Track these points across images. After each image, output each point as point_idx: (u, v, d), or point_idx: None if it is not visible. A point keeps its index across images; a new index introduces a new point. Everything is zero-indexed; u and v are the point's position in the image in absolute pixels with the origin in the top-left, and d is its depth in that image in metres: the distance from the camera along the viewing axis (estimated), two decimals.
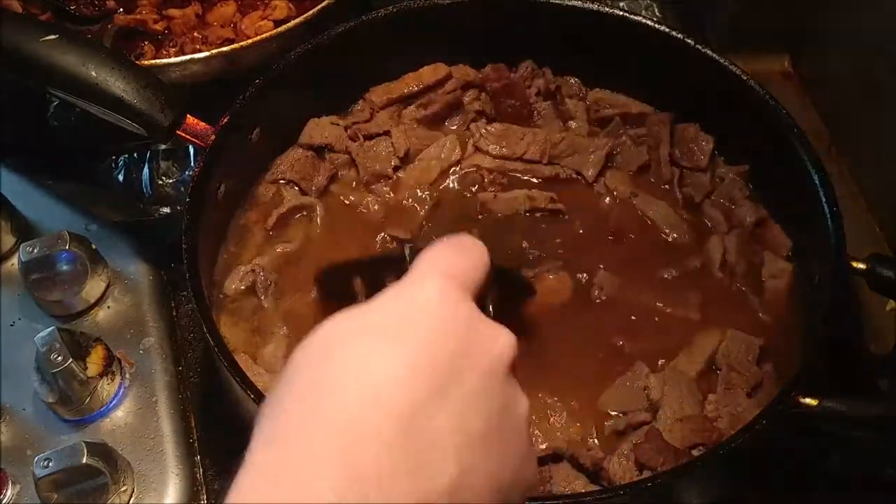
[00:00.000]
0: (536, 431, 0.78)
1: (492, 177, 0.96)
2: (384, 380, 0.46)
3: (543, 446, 0.77)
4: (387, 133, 0.97)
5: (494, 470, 0.48)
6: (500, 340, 0.51)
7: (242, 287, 0.87)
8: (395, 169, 0.96)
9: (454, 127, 1.00)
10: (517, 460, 0.50)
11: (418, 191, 0.94)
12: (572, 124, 1.00)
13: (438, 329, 0.49)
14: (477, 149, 0.98)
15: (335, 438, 0.44)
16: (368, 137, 0.97)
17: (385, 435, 0.44)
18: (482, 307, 0.52)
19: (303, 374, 0.48)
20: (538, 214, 0.93)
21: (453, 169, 0.97)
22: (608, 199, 0.95)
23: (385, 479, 0.43)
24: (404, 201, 0.94)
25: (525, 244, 0.91)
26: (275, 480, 0.44)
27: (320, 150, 0.96)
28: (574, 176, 0.96)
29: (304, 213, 0.93)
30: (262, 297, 0.87)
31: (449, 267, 0.52)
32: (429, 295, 0.50)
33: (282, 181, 0.94)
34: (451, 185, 0.96)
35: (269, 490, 0.44)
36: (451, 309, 0.50)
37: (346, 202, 0.94)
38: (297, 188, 0.94)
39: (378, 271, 0.75)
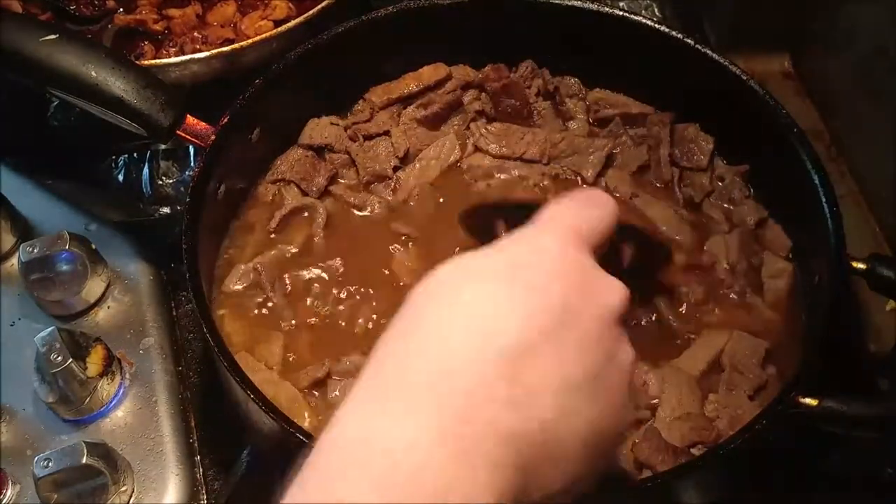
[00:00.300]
0: None
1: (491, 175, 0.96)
2: (493, 320, 0.48)
3: None
4: (386, 133, 0.97)
5: (594, 416, 0.50)
6: (613, 292, 0.53)
7: (242, 286, 0.87)
8: (395, 169, 0.96)
9: (454, 127, 1.00)
10: (616, 409, 0.51)
11: (417, 190, 0.94)
12: (572, 124, 1.00)
13: (552, 275, 0.50)
14: (477, 148, 0.98)
15: (437, 375, 0.46)
16: (368, 137, 0.97)
17: (488, 374, 0.46)
18: (610, 261, 0.54)
19: (416, 313, 0.50)
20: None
21: (453, 168, 0.97)
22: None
23: (483, 417, 0.45)
24: (406, 201, 0.94)
25: None
26: (376, 410, 0.46)
27: (320, 151, 0.96)
28: (573, 177, 0.96)
29: (306, 214, 0.93)
30: (264, 297, 0.87)
31: (573, 218, 0.54)
32: (547, 242, 0.52)
33: (282, 181, 0.94)
34: (452, 184, 0.96)
35: (370, 420, 0.45)
36: (567, 257, 0.52)
37: (347, 202, 0.94)
38: (297, 188, 0.94)
39: (521, 216, 0.75)
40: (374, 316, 0.85)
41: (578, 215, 0.55)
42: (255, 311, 0.86)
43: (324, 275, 0.89)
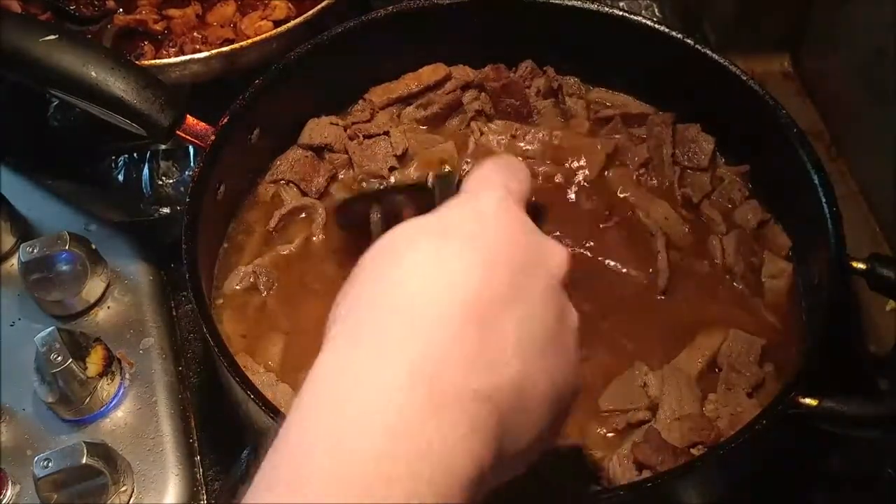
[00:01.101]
0: None
1: None
2: (459, 273, 0.48)
3: None
4: (386, 133, 0.97)
5: (551, 371, 0.51)
6: (558, 254, 0.54)
7: (242, 287, 0.87)
8: (391, 170, 0.96)
9: (454, 126, 1.00)
10: (570, 366, 0.53)
11: None
12: (573, 123, 1.00)
13: (506, 235, 0.51)
14: (478, 146, 0.97)
15: (407, 326, 0.46)
16: (368, 137, 0.97)
17: (457, 324, 0.46)
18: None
19: (373, 272, 0.50)
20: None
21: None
22: (609, 197, 0.95)
23: (455, 368, 0.45)
24: None
25: None
26: (346, 370, 0.46)
27: (320, 151, 0.96)
28: (573, 175, 0.96)
29: (304, 215, 0.93)
30: (264, 297, 0.87)
31: (503, 181, 0.55)
32: (492, 205, 0.52)
33: (282, 182, 0.94)
34: None
35: (339, 379, 0.45)
36: (514, 219, 0.53)
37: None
38: (296, 189, 0.94)
39: (395, 203, 0.76)
40: None
41: (507, 180, 0.55)
42: (255, 313, 0.86)
43: (323, 276, 0.88)
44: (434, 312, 0.46)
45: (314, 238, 0.91)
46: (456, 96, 0.99)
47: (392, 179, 0.95)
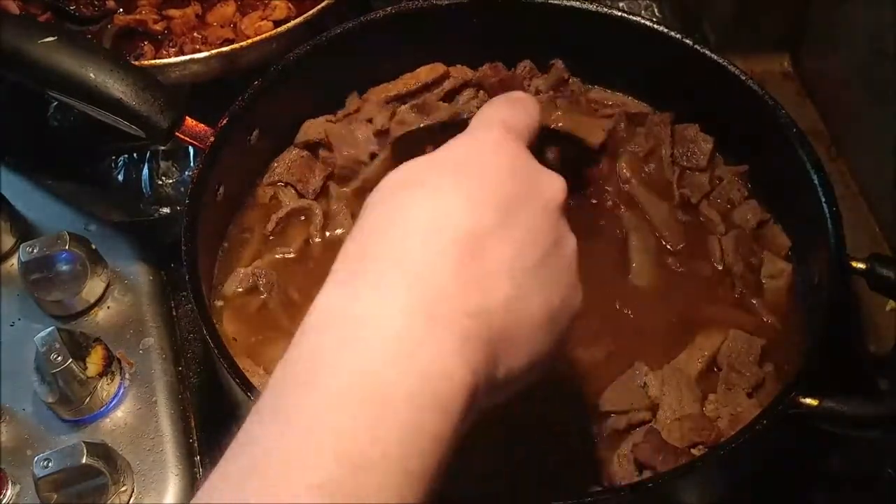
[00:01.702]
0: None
1: None
2: (454, 205, 0.51)
3: None
4: (369, 121, 0.96)
5: (547, 294, 0.53)
6: (554, 184, 0.56)
7: (242, 289, 0.87)
8: (372, 157, 0.94)
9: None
10: (566, 289, 0.55)
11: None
12: None
13: (501, 167, 0.54)
14: None
15: (406, 257, 0.49)
16: (349, 123, 0.96)
17: (451, 253, 0.49)
18: (542, 160, 0.57)
19: (376, 208, 0.53)
20: None
21: None
22: (613, 195, 0.95)
23: (450, 294, 0.48)
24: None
25: None
26: (348, 295, 0.49)
27: (315, 149, 0.96)
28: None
29: (304, 217, 0.93)
30: (264, 299, 0.87)
31: (506, 118, 0.57)
32: (491, 138, 0.55)
33: (279, 184, 0.94)
34: None
35: (340, 307, 0.49)
36: (511, 151, 0.55)
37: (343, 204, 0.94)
38: (293, 190, 0.94)
39: (449, 135, 0.77)
40: None
41: (509, 113, 0.58)
42: (255, 315, 0.86)
43: (322, 277, 0.88)
44: (431, 243, 0.49)
45: (313, 240, 0.91)
46: (451, 97, 0.99)
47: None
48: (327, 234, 0.91)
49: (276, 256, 0.90)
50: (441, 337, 0.47)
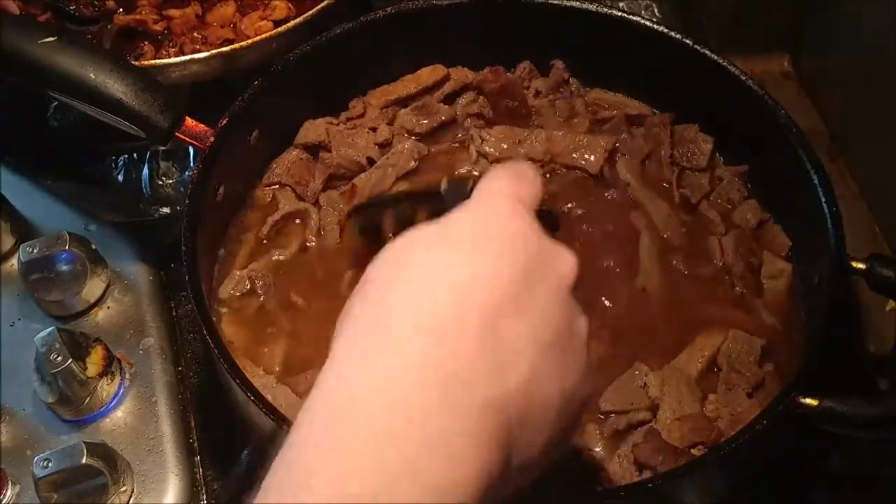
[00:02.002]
0: None
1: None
2: (469, 279, 0.48)
3: None
4: (373, 129, 0.97)
5: (561, 376, 0.50)
6: (566, 260, 0.53)
7: (241, 290, 0.87)
8: (370, 161, 0.95)
9: (459, 135, 0.99)
10: (579, 372, 0.52)
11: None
12: (573, 122, 1.00)
13: (515, 242, 0.51)
14: (480, 154, 0.97)
15: (420, 330, 0.46)
16: (352, 127, 0.97)
17: (469, 329, 0.47)
18: None
19: (378, 284, 0.50)
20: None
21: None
22: (614, 194, 0.95)
23: (465, 372, 0.46)
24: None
25: None
26: (359, 371, 0.46)
27: (314, 150, 0.96)
28: (578, 173, 0.96)
29: (299, 221, 0.92)
30: (263, 300, 0.87)
31: (513, 189, 0.54)
32: (501, 211, 0.52)
33: (278, 185, 0.94)
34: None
35: (354, 379, 0.46)
36: (525, 223, 0.52)
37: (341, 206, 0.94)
38: (292, 192, 0.94)
39: (408, 209, 0.77)
40: None
41: (516, 185, 0.55)
42: (254, 315, 0.86)
43: (319, 280, 0.88)
44: (441, 323, 0.46)
45: (309, 243, 0.91)
46: (451, 112, 0.99)
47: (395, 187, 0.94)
48: (323, 237, 0.91)
49: (273, 258, 0.90)
50: (453, 442, 0.44)
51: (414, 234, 0.51)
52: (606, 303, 0.86)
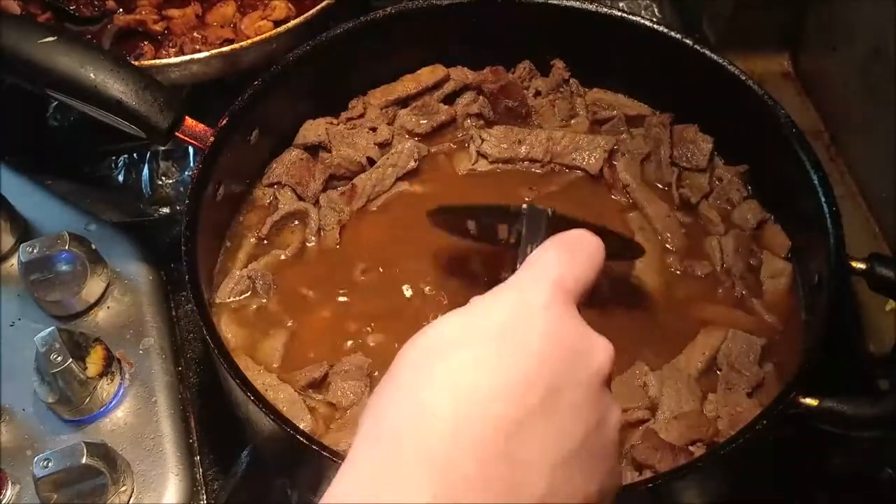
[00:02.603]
0: None
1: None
2: (485, 394, 0.46)
3: None
4: (373, 129, 0.97)
5: (582, 484, 0.48)
6: (602, 352, 0.51)
7: (241, 290, 0.87)
8: (370, 161, 0.95)
9: (459, 135, 1.00)
10: (605, 474, 0.50)
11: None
12: (573, 122, 1.00)
13: (548, 339, 0.48)
14: (480, 154, 0.97)
15: (433, 449, 0.44)
16: (352, 127, 0.97)
17: (481, 451, 0.44)
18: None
19: (405, 378, 0.48)
20: None
21: None
22: (614, 195, 0.95)
23: (477, 492, 0.44)
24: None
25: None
26: (374, 480, 0.45)
27: (314, 150, 0.96)
28: (578, 173, 0.96)
29: (298, 221, 0.92)
30: (262, 299, 0.87)
31: (561, 272, 0.51)
32: (540, 302, 0.49)
33: (278, 185, 0.94)
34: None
35: (368, 488, 0.44)
36: (560, 318, 0.49)
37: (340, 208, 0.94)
38: (292, 192, 0.94)
39: (492, 219, 0.80)
40: (372, 324, 0.85)
41: (566, 266, 0.52)
42: (254, 314, 0.86)
43: (319, 279, 0.88)
44: (463, 430, 0.45)
45: (309, 243, 0.91)
46: (451, 112, 0.99)
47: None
48: (323, 237, 0.91)
49: (273, 258, 0.90)
50: None
51: (443, 321, 0.49)
52: (605, 302, 0.86)
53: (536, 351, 0.47)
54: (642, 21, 0.96)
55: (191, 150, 1.08)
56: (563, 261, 0.52)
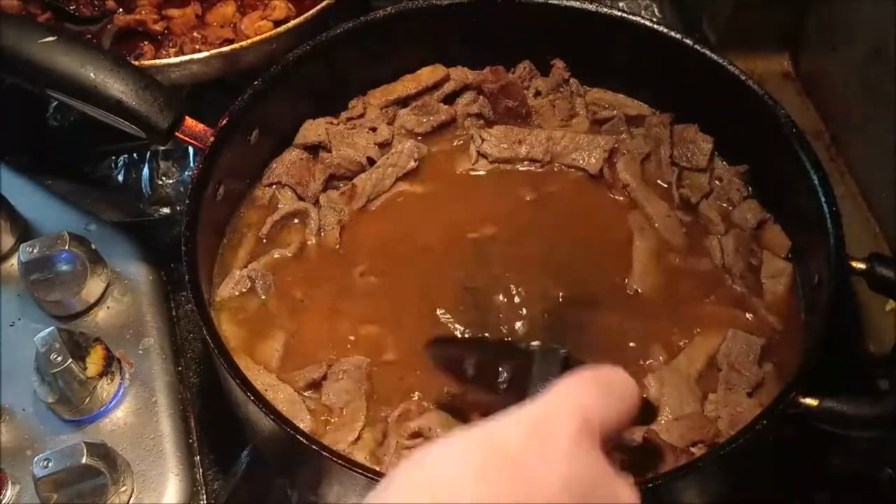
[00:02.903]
0: None
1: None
2: None
3: None
4: (373, 129, 0.97)
5: None
6: (623, 498, 0.46)
7: (240, 289, 0.87)
8: (370, 161, 0.95)
9: (459, 135, 1.00)
10: None
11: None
12: (573, 122, 1.00)
13: (567, 481, 0.43)
14: (480, 154, 0.97)
15: None
16: (352, 127, 0.97)
17: None
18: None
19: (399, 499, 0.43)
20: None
21: None
22: (614, 194, 0.95)
23: None
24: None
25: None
26: None
27: (314, 150, 0.96)
28: (578, 173, 0.96)
29: (297, 221, 0.92)
30: (262, 299, 0.87)
31: (588, 407, 0.46)
32: (563, 436, 0.44)
33: (277, 185, 0.94)
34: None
35: None
36: (582, 459, 0.45)
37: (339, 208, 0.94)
38: (292, 192, 0.94)
39: (494, 356, 0.73)
40: (372, 324, 0.85)
41: (596, 401, 0.47)
42: (254, 314, 0.86)
43: (319, 279, 0.88)
44: None
45: (309, 242, 0.91)
46: (451, 112, 0.99)
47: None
48: (322, 236, 0.91)
49: (273, 258, 0.90)
50: None
51: (450, 444, 0.44)
52: (605, 302, 0.86)
53: (549, 494, 0.43)
54: (642, 21, 0.96)
55: (191, 150, 1.08)
56: (594, 393, 0.47)
